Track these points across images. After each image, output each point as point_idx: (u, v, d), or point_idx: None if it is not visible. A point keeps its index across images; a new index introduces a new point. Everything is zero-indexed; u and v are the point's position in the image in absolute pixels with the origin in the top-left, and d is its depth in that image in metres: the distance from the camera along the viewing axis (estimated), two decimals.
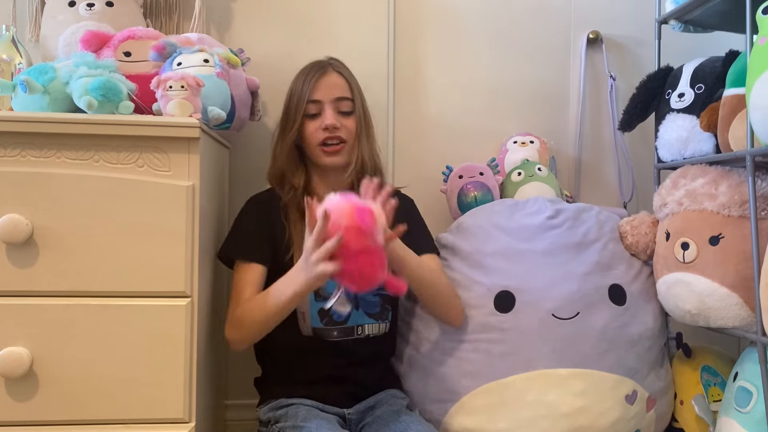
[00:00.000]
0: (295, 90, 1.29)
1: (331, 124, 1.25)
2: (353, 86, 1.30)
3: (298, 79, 1.30)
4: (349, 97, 1.29)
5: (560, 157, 1.67)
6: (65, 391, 1.04)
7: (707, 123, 1.24)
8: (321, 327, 1.24)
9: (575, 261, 1.31)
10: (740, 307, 1.18)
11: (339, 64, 1.32)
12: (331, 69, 1.29)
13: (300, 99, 1.27)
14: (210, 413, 1.31)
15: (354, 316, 1.26)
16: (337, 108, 1.28)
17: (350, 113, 1.29)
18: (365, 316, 1.28)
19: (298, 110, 1.27)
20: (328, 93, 1.27)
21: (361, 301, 1.27)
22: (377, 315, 1.29)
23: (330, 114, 1.26)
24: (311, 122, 1.27)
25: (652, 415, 1.31)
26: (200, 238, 1.09)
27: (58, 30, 1.33)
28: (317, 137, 1.26)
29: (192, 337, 1.07)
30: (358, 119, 1.29)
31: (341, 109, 1.28)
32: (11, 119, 1.04)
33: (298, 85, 1.29)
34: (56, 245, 1.04)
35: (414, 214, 1.39)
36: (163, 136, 1.06)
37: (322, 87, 1.27)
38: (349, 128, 1.28)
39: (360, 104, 1.30)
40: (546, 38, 1.68)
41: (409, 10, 1.64)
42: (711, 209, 1.21)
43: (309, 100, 1.26)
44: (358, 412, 1.24)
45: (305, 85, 1.27)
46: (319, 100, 1.27)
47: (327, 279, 1.04)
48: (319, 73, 1.28)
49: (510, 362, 1.24)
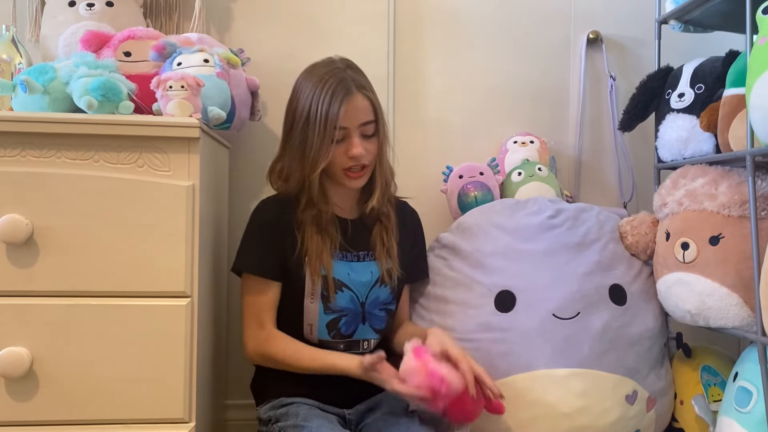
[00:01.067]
0: (317, 109, 1.18)
1: (359, 153, 1.20)
2: (376, 106, 1.24)
3: (316, 94, 1.19)
4: (373, 120, 1.23)
5: (560, 157, 1.67)
6: (65, 391, 1.04)
7: (707, 123, 1.24)
8: (328, 339, 1.24)
9: (575, 261, 1.31)
10: (740, 307, 1.18)
11: (359, 78, 1.23)
12: (356, 91, 1.20)
13: (326, 124, 1.17)
14: (210, 413, 1.31)
15: (360, 330, 1.26)
16: (362, 132, 1.22)
17: (374, 135, 1.24)
18: (372, 331, 1.28)
19: (326, 137, 1.18)
20: (355, 119, 1.20)
21: (368, 315, 1.27)
22: (382, 330, 1.30)
23: (357, 142, 1.20)
24: (336, 147, 1.20)
25: (652, 415, 1.31)
26: (200, 238, 1.09)
27: (58, 30, 1.33)
28: (342, 162, 1.21)
29: (192, 337, 1.07)
30: (380, 140, 1.25)
31: (365, 134, 1.22)
32: (11, 119, 1.04)
33: (321, 106, 1.18)
34: (56, 245, 1.04)
35: (419, 232, 1.39)
36: (163, 136, 1.06)
37: (349, 113, 1.18)
38: (372, 152, 1.24)
39: (382, 124, 1.26)
40: (546, 38, 1.68)
41: (409, 10, 1.64)
42: (711, 209, 1.21)
43: (336, 127, 1.18)
44: (358, 412, 1.24)
45: (331, 108, 1.17)
46: (346, 127, 1.19)
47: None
48: (346, 97, 1.18)
49: (510, 362, 1.24)
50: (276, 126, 1.54)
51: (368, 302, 1.27)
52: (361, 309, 1.26)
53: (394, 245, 1.28)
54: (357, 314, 1.26)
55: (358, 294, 1.25)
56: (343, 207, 1.29)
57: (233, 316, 1.52)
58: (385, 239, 1.27)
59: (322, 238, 1.22)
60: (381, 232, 1.28)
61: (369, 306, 1.27)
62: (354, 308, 1.24)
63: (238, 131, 1.43)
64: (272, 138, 1.54)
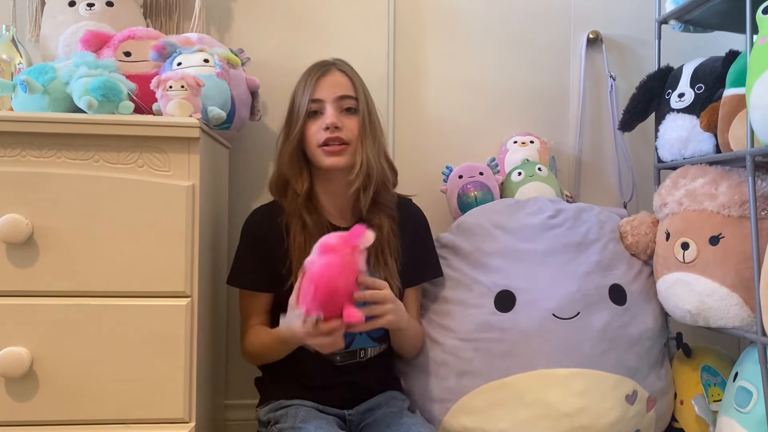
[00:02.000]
0: (298, 90, 1.25)
1: (332, 122, 1.19)
2: (357, 85, 1.25)
3: (301, 79, 1.26)
4: (352, 95, 1.23)
5: (560, 157, 1.67)
6: (65, 391, 1.04)
7: (707, 123, 1.24)
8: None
9: (576, 261, 1.31)
10: (740, 307, 1.18)
11: (343, 63, 1.28)
12: (334, 68, 1.25)
13: (302, 98, 1.23)
14: (210, 413, 1.31)
15: (358, 340, 1.24)
16: (340, 107, 1.22)
17: (354, 112, 1.23)
18: (369, 340, 1.26)
19: (300, 110, 1.22)
20: (330, 91, 1.22)
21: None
22: (381, 338, 1.27)
23: (331, 113, 1.20)
24: (313, 122, 1.22)
25: (652, 415, 1.31)
26: (200, 238, 1.09)
27: (58, 30, 1.33)
28: (318, 138, 1.20)
29: (192, 337, 1.07)
30: (362, 119, 1.22)
31: (344, 107, 1.22)
32: (11, 119, 1.04)
33: (300, 85, 1.25)
34: (56, 245, 1.04)
35: (422, 230, 1.34)
36: (163, 136, 1.06)
37: (324, 85, 1.22)
38: (351, 129, 1.22)
39: (365, 103, 1.24)
40: (546, 38, 1.68)
41: (409, 10, 1.64)
42: (711, 209, 1.21)
43: (310, 99, 1.21)
44: (358, 413, 1.24)
45: (308, 83, 1.23)
46: (320, 99, 1.21)
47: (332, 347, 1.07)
48: (321, 71, 1.24)
49: (510, 362, 1.24)
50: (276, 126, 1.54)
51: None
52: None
53: (388, 255, 1.23)
54: None
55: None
56: (335, 213, 1.27)
57: (233, 316, 1.52)
58: (379, 250, 1.22)
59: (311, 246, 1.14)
60: (375, 243, 1.18)
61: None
62: None
63: (238, 131, 1.43)
64: (272, 138, 1.53)
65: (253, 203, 1.55)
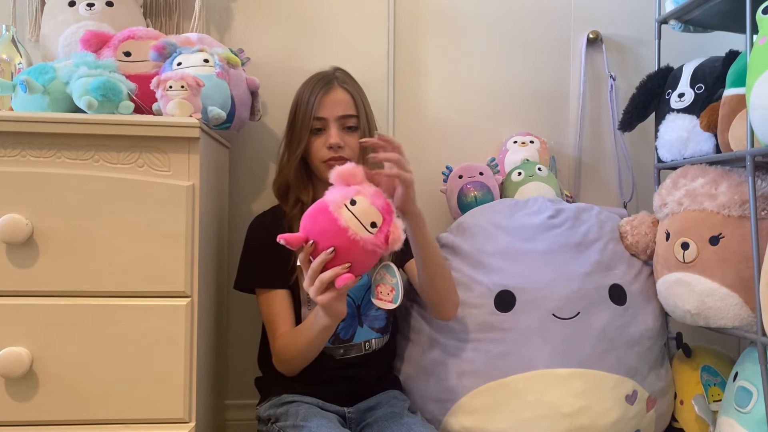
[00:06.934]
0: (301, 103, 1.28)
1: (335, 143, 1.24)
2: (358, 102, 1.29)
3: (303, 91, 1.29)
4: (353, 114, 1.28)
5: (560, 157, 1.67)
6: (65, 391, 1.04)
7: (707, 123, 1.24)
8: (328, 345, 1.24)
9: (576, 261, 1.31)
10: (740, 307, 1.18)
11: (344, 77, 1.31)
12: (336, 84, 1.28)
13: (305, 114, 1.26)
14: (210, 413, 1.31)
15: (359, 333, 1.26)
16: (342, 125, 1.27)
17: (355, 130, 1.28)
18: (371, 331, 1.28)
19: (303, 126, 1.26)
20: (333, 110, 1.26)
21: (364, 317, 1.27)
22: (383, 329, 1.30)
23: (334, 132, 1.25)
24: (316, 138, 1.27)
25: (652, 415, 1.31)
26: (200, 238, 1.09)
27: (58, 30, 1.33)
28: (322, 155, 1.26)
29: (192, 337, 1.07)
30: (363, 135, 1.27)
31: (346, 125, 1.27)
32: (11, 119, 1.04)
33: (303, 99, 1.28)
34: (56, 245, 1.04)
35: None
36: (163, 136, 1.06)
37: (327, 104, 1.26)
38: (353, 146, 1.27)
39: (365, 120, 1.29)
40: (546, 38, 1.68)
41: (409, 10, 1.64)
42: (711, 209, 1.21)
43: (314, 117, 1.25)
44: (359, 411, 1.24)
45: (310, 99, 1.26)
46: (323, 118, 1.26)
47: (336, 305, 1.03)
48: (324, 89, 1.27)
49: (510, 362, 1.24)
50: (276, 126, 1.54)
51: (363, 304, 1.27)
52: (356, 312, 1.26)
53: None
54: (353, 317, 1.26)
55: (354, 297, 1.26)
56: None
57: (233, 316, 1.52)
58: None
59: None
60: None
61: (364, 308, 1.27)
62: (350, 311, 1.24)
63: (238, 131, 1.43)
64: (272, 138, 1.54)
65: (253, 203, 1.55)
